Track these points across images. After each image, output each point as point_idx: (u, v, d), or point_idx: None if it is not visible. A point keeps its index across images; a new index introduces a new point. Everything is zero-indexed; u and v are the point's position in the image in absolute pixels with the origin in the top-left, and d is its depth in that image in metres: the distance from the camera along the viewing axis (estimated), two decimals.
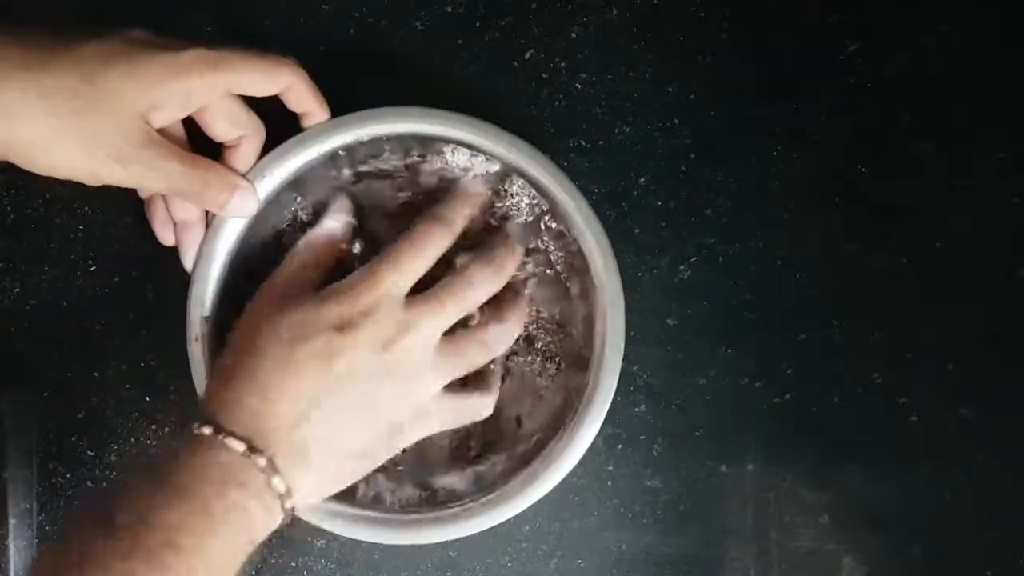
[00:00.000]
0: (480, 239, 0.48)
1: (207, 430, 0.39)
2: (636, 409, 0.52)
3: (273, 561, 0.52)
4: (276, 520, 0.40)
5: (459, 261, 0.46)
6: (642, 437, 0.52)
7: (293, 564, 0.52)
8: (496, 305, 0.47)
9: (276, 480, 0.39)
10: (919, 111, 0.52)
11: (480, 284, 0.45)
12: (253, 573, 0.52)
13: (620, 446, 0.52)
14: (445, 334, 0.44)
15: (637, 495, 0.52)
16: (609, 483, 0.52)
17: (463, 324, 0.45)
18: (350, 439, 0.42)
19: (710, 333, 0.52)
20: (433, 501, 0.48)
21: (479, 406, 0.46)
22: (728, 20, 0.52)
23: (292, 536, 0.52)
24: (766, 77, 0.52)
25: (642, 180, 0.52)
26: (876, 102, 0.52)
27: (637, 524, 0.52)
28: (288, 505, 0.40)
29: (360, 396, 0.42)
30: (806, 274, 0.52)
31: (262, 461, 0.39)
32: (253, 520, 0.39)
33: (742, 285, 0.52)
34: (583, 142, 0.52)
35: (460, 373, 0.44)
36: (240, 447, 0.39)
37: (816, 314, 0.52)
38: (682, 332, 0.52)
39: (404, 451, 0.47)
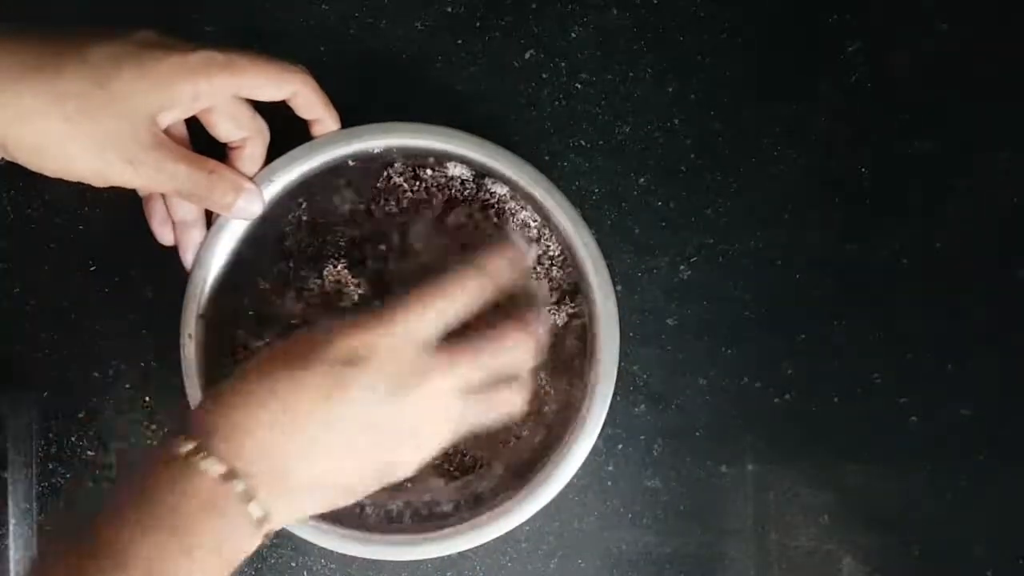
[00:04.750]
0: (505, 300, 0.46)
1: (189, 445, 0.37)
2: (636, 409, 0.52)
3: (273, 561, 0.52)
4: (252, 545, 0.38)
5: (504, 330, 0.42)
6: (642, 437, 0.52)
7: (293, 564, 0.52)
8: None
9: (253, 507, 0.37)
10: (919, 111, 0.52)
11: (513, 351, 0.42)
12: (253, 573, 0.52)
13: (620, 446, 0.52)
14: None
15: (637, 495, 0.52)
16: (609, 483, 0.52)
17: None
18: (338, 474, 0.40)
19: (710, 333, 0.52)
20: (429, 516, 0.48)
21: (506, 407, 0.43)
22: (728, 20, 0.52)
23: (292, 536, 0.51)
24: (766, 77, 0.52)
25: (642, 180, 0.52)
26: (876, 102, 0.52)
27: (637, 524, 0.52)
28: (264, 530, 0.38)
29: (359, 437, 0.39)
30: (806, 274, 0.52)
31: (239, 487, 0.37)
32: (230, 546, 0.37)
33: (742, 285, 0.52)
34: (583, 142, 0.52)
35: (463, 432, 0.42)
36: (219, 470, 0.37)
37: (816, 314, 0.52)
38: (682, 332, 0.52)
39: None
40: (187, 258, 0.47)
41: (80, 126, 0.39)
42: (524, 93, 0.52)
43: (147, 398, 0.51)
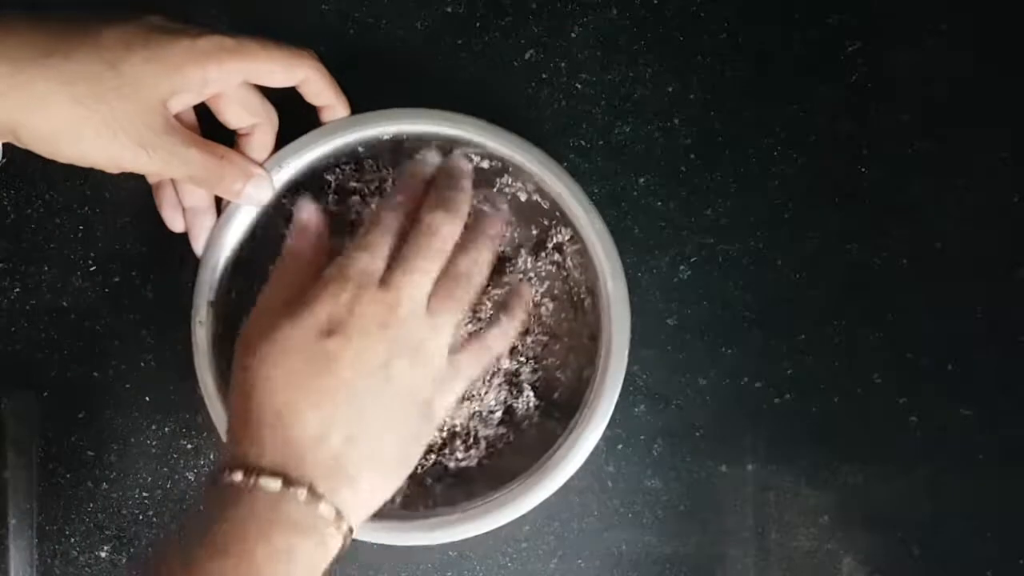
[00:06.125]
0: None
1: (238, 475, 0.37)
2: (636, 409, 0.52)
3: None
4: (334, 548, 0.38)
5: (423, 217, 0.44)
6: (642, 437, 0.52)
7: None
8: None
9: (323, 507, 0.38)
10: (919, 111, 0.52)
11: (443, 230, 0.42)
12: None
13: (620, 446, 0.52)
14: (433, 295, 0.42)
15: (637, 495, 0.52)
16: (609, 483, 0.52)
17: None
18: (383, 434, 0.40)
19: (710, 333, 0.52)
20: (433, 504, 0.48)
21: (498, 339, 0.45)
22: (728, 20, 0.52)
23: None
24: (766, 77, 0.52)
25: (642, 180, 0.52)
26: (876, 102, 0.52)
27: (637, 524, 0.52)
28: (343, 528, 0.38)
29: (375, 386, 0.40)
30: (806, 274, 0.52)
31: (302, 493, 0.37)
32: (308, 556, 0.37)
33: (742, 285, 0.52)
34: (583, 142, 0.52)
35: (458, 317, 0.42)
36: (276, 484, 0.37)
37: (816, 314, 0.52)
38: (682, 332, 0.52)
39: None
40: (198, 245, 0.47)
41: (92, 110, 0.39)
42: (524, 93, 0.52)
43: (147, 398, 0.51)
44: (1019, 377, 0.52)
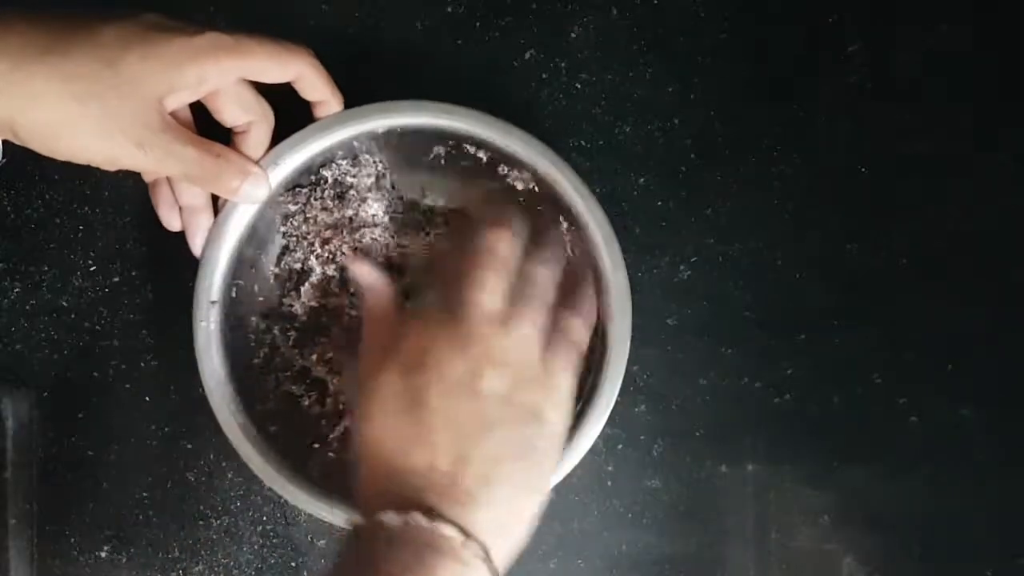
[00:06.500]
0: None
1: (364, 522, 0.38)
2: (636, 409, 0.52)
3: (273, 561, 0.52)
4: (476, 570, 0.37)
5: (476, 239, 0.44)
6: (642, 437, 0.52)
7: (293, 564, 0.52)
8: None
9: (444, 527, 0.37)
10: (919, 111, 0.52)
11: (500, 246, 0.43)
12: (253, 573, 0.52)
13: (620, 446, 0.52)
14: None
15: (637, 495, 0.52)
16: (609, 483, 0.52)
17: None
18: (495, 447, 0.40)
19: (710, 333, 0.52)
20: None
21: (579, 329, 0.44)
22: (728, 20, 0.52)
23: (292, 536, 0.52)
24: (766, 77, 0.52)
25: (642, 180, 0.52)
26: (876, 102, 0.52)
27: (637, 524, 0.52)
28: (473, 548, 0.37)
29: (466, 403, 0.40)
30: (806, 274, 0.52)
31: (419, 517, 0.37)
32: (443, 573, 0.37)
33: (742, 285, 0.52)
34: (583, 142, 0.52)
35: (534, 318, 0.42)
36: (395, 517, 0.37)
37: (816, 314, 0.52)
38: (682, 332, 0.52)
39: None
40: (195, 243, 0.47)
41: (90, 107, 0.39)
42: (524, 93, 0.52)
43: (147, 398, 0.51)
44: (1019, 377, 0.52)
